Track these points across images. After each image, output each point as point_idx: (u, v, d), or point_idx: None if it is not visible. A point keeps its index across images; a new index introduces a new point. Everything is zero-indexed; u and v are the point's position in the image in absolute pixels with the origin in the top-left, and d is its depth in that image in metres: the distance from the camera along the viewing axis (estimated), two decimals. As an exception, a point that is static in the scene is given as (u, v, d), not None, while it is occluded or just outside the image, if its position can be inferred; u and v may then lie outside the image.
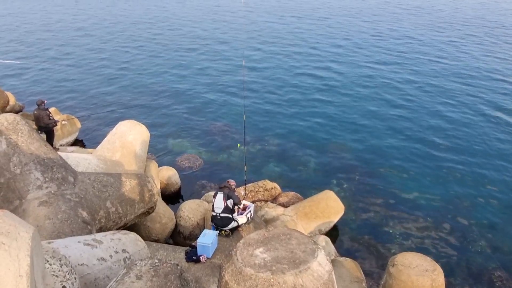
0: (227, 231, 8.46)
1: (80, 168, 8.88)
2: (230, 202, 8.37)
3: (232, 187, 8.64)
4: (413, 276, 7.04)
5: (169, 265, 4.87)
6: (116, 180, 8.29)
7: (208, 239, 7.74)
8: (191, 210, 10.12)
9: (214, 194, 8.72)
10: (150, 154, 12.36)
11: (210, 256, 7.73)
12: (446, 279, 7.57)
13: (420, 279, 7.00)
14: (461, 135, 15.83)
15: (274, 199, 11.75)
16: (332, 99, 19.67)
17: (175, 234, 10.17)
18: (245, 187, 11.04)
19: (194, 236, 9.72)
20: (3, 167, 7.01)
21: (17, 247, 2.36)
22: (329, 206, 10.74)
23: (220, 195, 8.42)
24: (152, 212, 8.98)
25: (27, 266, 2.40)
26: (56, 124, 12.99)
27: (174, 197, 12.49)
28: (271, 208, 10.76)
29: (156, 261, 4.91)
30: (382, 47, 27.75)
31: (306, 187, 12.80)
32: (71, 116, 15.64)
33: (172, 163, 14.07)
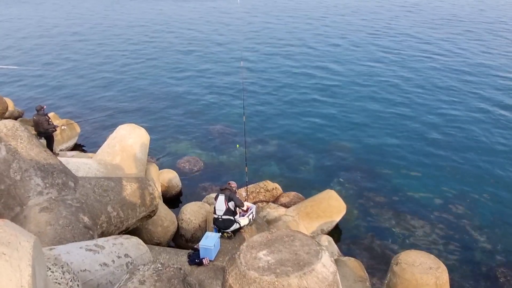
0: (229, 233, 8.42)
1: (80, 173, 8.85)
2: (231, 204, 8.33)
3: (233, 189, 8.61)
4: (417, 274, 7.01)
5: (172, 269, 4.84)
6: (117, 184, 8.26)
7: (210, 241, 7.71)
8: (192, 213, 10.09)
9: (215, 196, 8.68)
10: (150, 157, 12.34)
11: (212, 259, 7.70)
12: (450, 276, 7.54)
13: (424, 277, 6.97)
14: (462, 133, 15.80)
15: (276, 200, 11.72)
16: (331, 98, 19.64)
17: (177, 237, 10.14)
18: (246, 188, 11.01)
19: (196, 238, 9.69)
20: (3, 173, 6.98)
21: (18, 257, 2.33)
22: (331, 205, 10.71)
23: (221, 197, 8.39)
24: (153, 215, 8.95)
25: (29, 276, 2.37)
26: (56, 129, 12.96)
27: (175, 200, 12.46)
28: (272, 209, 10.73)
29: (159, 265, 4.88)
30: (380, 45, 27.73)
31: (307, 187, 12.77)
32: (70, 121, 15.60)
33: (172, 165, 14.03)
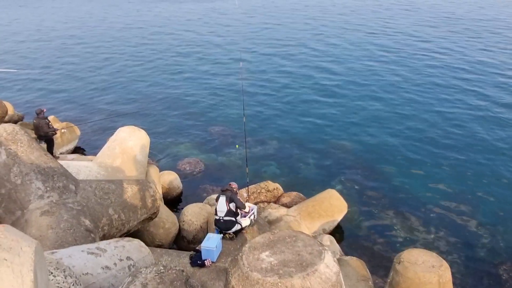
0: (231, 234, 8.40)
1: (81, 176, 8.84)
2: (232, 205, 8.30)
3: (234, 190, 8.58)
4: (419, 272, 6.99)
5: (174, 271, 4.83)
6: (117, 186, 8.24)
7: (212, 243, 7.69)
8: (194, 214, 10.07)
9: (216, 197, 8.66)
10: (150, 159, 12.32)
11: (215, 260, 7.68)
12: (453, 274, 7.53)
13: (427, 275, 6.95)
14: (463, 131, 15.77)
15: (277, 200, 11.70)
16: (331, 98, 19.63)
17: (179, 238, 10.12)
18: (247, 189, 10.99)
19: (198, 240, 9.67)
20: (3, 178, 6.97)
21: (19, 263, 2.31)
22: (332, 205, 10.69)
23: (222, 199, 8.37)
24: (155, 217, 8.93)
25: (31, 282, 2.35)
26: (56, 133, 12.95)
27: (176, 201, 12.45)
28: (274, 209, 10.71)
29: (161, 267, 4.87)
30: (378, 44, 27.72)
31: (308, 186, 12.75)
32: (70, 124, 15.59)
33: (173, 167, 14.02)
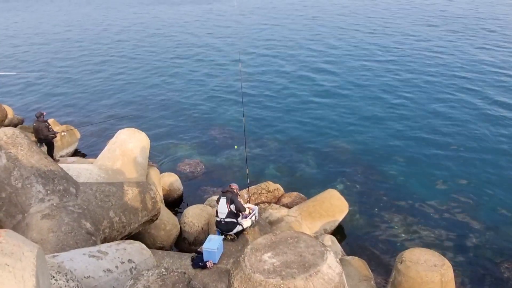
0: (232, 235, 8.40)
1: (81, 179, 8.83)
2: (233, 206, 8.30)
3: (235, 191, 8.57)
4: (421, 272, 6.98)
5: (176, 273, 4.82)
6: (118, 189, 8.24)
7: (213, 244, 7.68)
8: (195, 216, 10.06)
9: (217, 199, 8.66)
10: (151, 161, 12.30)
11: (216, 262, 7.67)
12: (455, 273, 7.51)
13: (429, 274, 6.94)
14: (463, 131, 15.73)
15: (278, 201, 11.69)
16: (331, 98, 19.61)
17: (180, 240, 10.11)
18: (248, 189, 10.99)
19: (199, 241, 9.66)
20: (4, 181, 6.96)
21: (21, 268, 2.30)
22: (333, 204, 10.67)
23: (223, 200, 8.36)
24: (156, 219, 8.92)
25: (33, 287, 2.34)
26: (56, 136, 12.93)
27: (177, 203, 12.43)
28: (275, 210, 10.70)
29: (163, 270, 4.86)
30: (377, 45, 27.69)
31: (309, 186, 12.73)
32: (70, 126, 15.58)
33: (173, 169, 14.01)
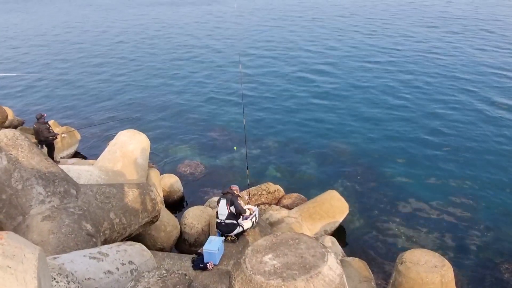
0: (233, 236, 8.39)
1: (82, 180, 8.83)
2: (233, 208, 8.30)
3: (235, 192, 8.56)
4: (422, 272, 6.98)
5: (177, 275, 4.82)
6: (118, 190, 8.24)
7: (214, 245, 7.68)
8: (195, 217, 10.06)
9: (217, 200, 8.65)
10: (151, 163, 12.31)
11: (217, 263, 7.67)
12: (456, 274, 7.51)
13: (430, 275, 6.95)
14: (463, 132, 15.74)
15: (278, 202, 11.69)
16: (331, 99, 19.62)
17: (180, 242, 10.10)
18: (248, 190, 10.98)
19: (200, 243, 9.66)
20: (4, 183, 6.96)
21: (23, 270, 2.31)
22: (333, 206, 10.67)
23: (223, 202, 8.36)
24: (156, 221, 8.92)
25: (35, 289, 2.35)
26: (56, 137, 12.93)
27: (177, 204, 12.43)
28: (275, 211, 10.70)
29: (163, 271, 4.86)
30: (378, 46, 27.72)
31: (309, 187, 12.74)
32: (70, 128, 15.58)
33: (173, 170, 14.01)
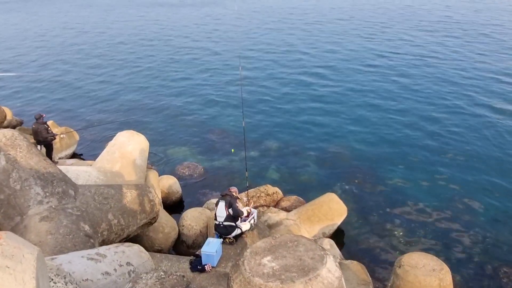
0: (231, 238, 8.39)
1: (80, 181, 8.82)
2: (232, 210, 8.29)
3: (234, 194, 8.56)
4: (420, 276, 6.99)
5: (175, 277, 4.82)
6: (117, 191, 8.23)
7: (212, 247, 7.67)
8: (193, 219, 10.05)
9: (216, 202, 8.65)
10: (149, 164, 12.29)
11: (215, 265, 7.66)
12: (454, 278, 7.52)
13: (428, 279, 6.95)
14: (461, 136, 15.76)
15: (277, 204, 11.69)
16: (331, 103, 19.64)
17: (178, 243, 10.09)
18: (247, 193, 10.98)
19: (198, 244, 9.65)
20: (2, 183, 6.95)
21: (22, 270, 2.30)
22: (332, 208, 10.67)
23: (221, 204, 8.35)
24: (154, 222, 8.91)
25: (33, 289, 2.34)
26: (55, 138, 12.90)
27: (175, 206, 12.39)
28: (274, 213, 10.70)
29: (161, 273, 4.85)
30: (377, 50, 27.76)
31: (308, 190, 12.74)
32: (69, 129, 15.55)
33: (172, 171, 13.99)
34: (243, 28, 37.17)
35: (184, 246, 10.01)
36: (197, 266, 7.62)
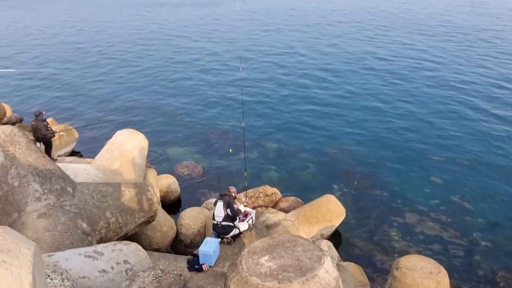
0: (229, 238, 8.38)
1: (78, 179, 8.80)
2: (230, 210, 8.28)
3: (233, 194, 8.56)
4: (417, 279, 6.98)
5: (172, 275, 4.80)
6: (115, 189, 8.21)
7: (210, 247, 7.67)
8: (191, 218, 10.03)
9: (214, 202, 8.64)
10: (148, 163, 12.28)
11: (212, 265, 7.65)
12: (451, 280, 7.51)
13: (425, 281, 6.95)
14: (459, 141, 15.76)
15: (275, 205, 11.68)
16: (330, 105, 19.65)
17: (176, 242, 10.07)
18: (245, 193, 10.97)
19: (195, 244, 9.63)
20: (1, 179, 6.93)
21: (18, 265, 2.29)
22: (330, 210, 10.67)
23: (220, 204, 8.35)
24: (152, 221, 8.89)
25: (29, 285, 2.32)
26: (54, 135, 12.89)
27: (174, 205, 12.39)
28: (272, 214, 10.69)
29: (158, 271, 4.84)
30: (377, 53, 27.82)
31: (306, 191, 12.74)
32: (68, 126, 15.54)
33: (171, 171, 13.98)
34: (243, 29, 37.19)
35: (182, 245, 9.99)
36: (194, 265, 7.61)
